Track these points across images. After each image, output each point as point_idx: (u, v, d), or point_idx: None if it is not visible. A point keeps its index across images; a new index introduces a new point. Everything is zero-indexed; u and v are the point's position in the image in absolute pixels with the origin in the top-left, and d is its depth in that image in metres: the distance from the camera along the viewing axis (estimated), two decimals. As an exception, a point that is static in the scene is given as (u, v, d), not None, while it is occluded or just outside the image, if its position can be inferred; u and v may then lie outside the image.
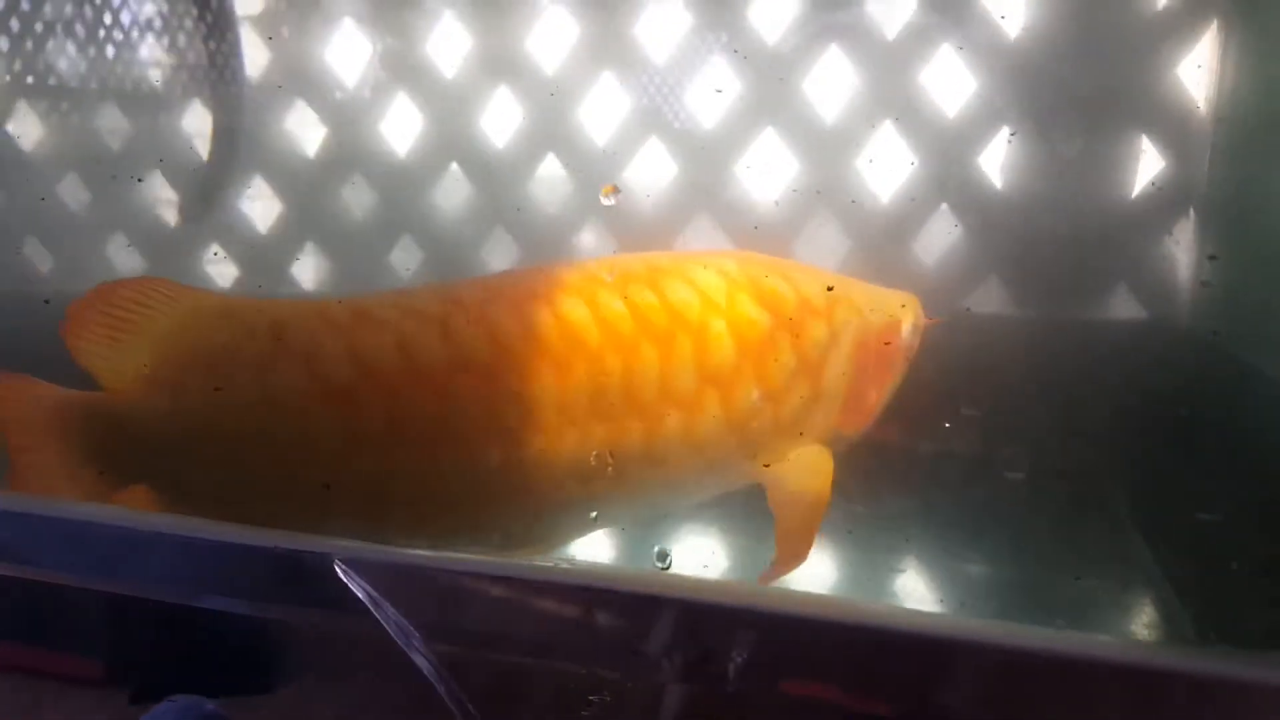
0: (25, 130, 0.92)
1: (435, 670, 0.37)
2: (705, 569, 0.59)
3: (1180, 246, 0.71)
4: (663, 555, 0.54)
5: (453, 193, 0.85)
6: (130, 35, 0.89)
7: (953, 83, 0.72)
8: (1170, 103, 0.69)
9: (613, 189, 0.78)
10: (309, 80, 0.86)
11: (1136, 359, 0.71)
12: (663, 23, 0.77)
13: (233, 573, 0.40)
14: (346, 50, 0.85)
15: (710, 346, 0.52)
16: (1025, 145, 0.72)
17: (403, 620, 0.37)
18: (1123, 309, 0.72)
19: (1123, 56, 0.69)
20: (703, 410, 0.51)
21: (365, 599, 0.37)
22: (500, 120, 0.82)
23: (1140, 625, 0.54)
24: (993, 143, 0.72)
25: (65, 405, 0.49)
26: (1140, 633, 0.53)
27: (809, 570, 0.60)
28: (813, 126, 0.75)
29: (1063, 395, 0.68)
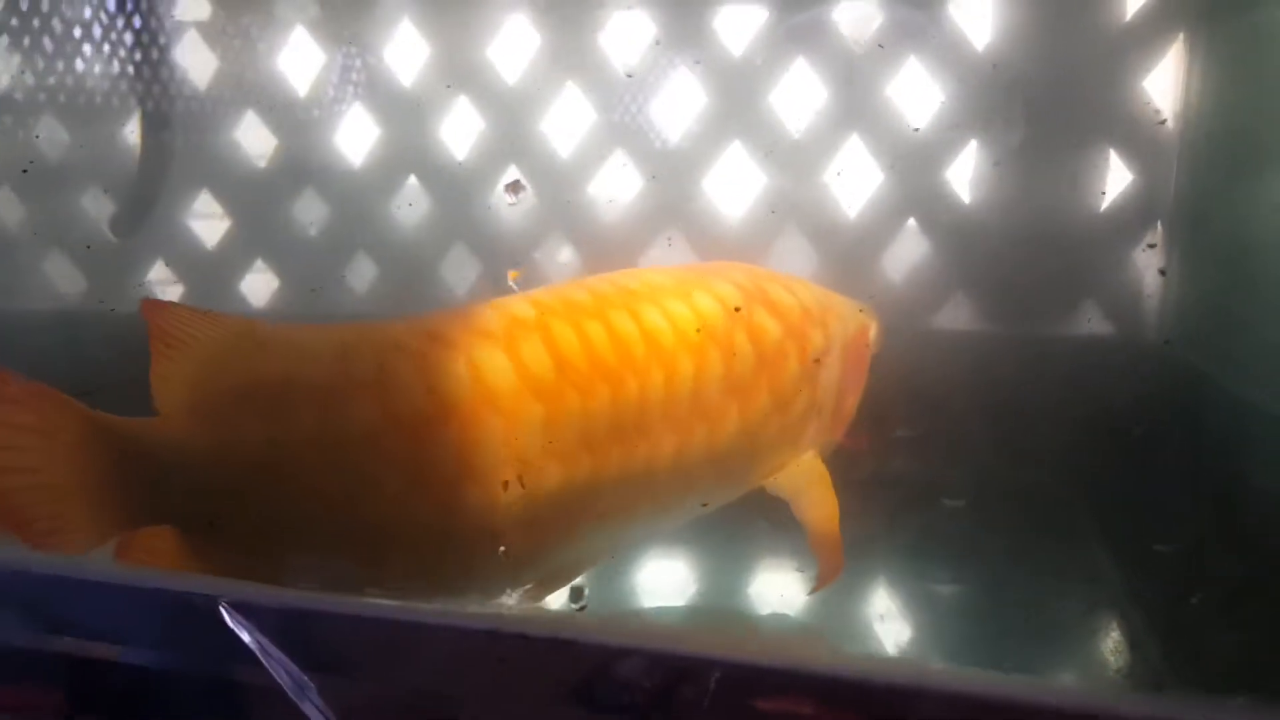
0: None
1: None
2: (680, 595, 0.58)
3: (1147, 260, 0.71)
4: (577, 594, 0.52)
5: (412, 206, 0.82)
6: (63, 45, 0.85)
7: (920, 96, 0.71)
8: (1137, 116, 0.69)
9: (518, 274, 0.76)
10: (260, 90, 0.83)
11: (1102, 375, 0.70)
12: (628, 34, 0.75)
13: (118, 617, 0.36)
14: (300, 59, 0.82)
15: (735, 358, 0.51)
16: (992, 158, 0.71)
17: (294, 669, 0.34)
18: (1090, 324, 0.72)
19: (1090, 70, 0.69)
20: (725, 422, 0.50)
21: (254, 646, 0.34)
22: (461, 131, 0.80)
23: (1107, 651, 0.54)
24: (960, 156, 0.72)
25: (98, 429, 0.43)
26: (1107, 657, 0.53)
27: (787, 592, 0.59)
28: (780, 139, 0.74)
29: (1011, 413, 0.68)
